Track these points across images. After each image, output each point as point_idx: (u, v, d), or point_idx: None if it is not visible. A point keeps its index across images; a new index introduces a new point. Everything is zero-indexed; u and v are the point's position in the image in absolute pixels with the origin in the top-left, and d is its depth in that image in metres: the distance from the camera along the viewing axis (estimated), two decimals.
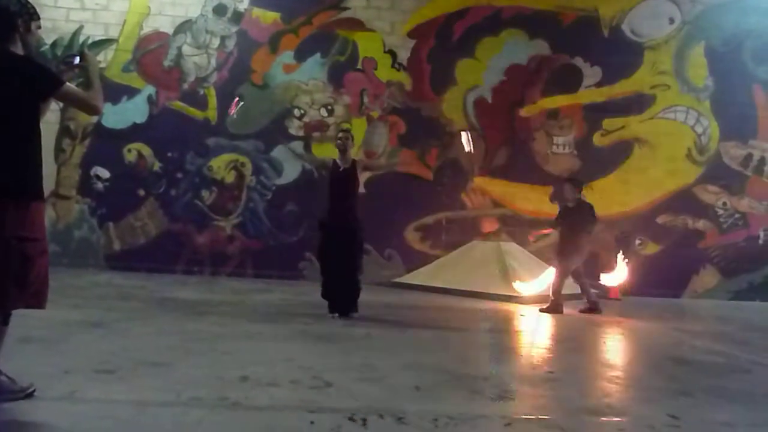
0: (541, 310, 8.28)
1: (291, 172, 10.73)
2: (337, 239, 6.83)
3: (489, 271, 9.88)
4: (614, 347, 6.49)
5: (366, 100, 11.08)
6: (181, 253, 10.73)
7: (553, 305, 8.28)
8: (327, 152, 10.77)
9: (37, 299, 3.36)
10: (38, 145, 3.42)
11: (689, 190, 11.22)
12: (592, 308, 8.38)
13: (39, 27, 3.50)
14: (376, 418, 3.43)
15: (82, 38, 10.71)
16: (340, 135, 7.13)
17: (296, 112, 10.98)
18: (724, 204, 11.28)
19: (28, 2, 3.44)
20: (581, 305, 8.49)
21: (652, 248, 11.15)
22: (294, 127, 10.92)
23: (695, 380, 4.89)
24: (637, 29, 11.30)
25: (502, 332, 6.90)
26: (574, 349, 6.18)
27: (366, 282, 9.91)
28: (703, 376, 5.03)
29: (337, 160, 7.04)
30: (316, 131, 10.92)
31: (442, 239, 11.00)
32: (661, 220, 11.17)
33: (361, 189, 10.60)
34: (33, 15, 3.44)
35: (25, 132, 3.35)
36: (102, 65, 10.39)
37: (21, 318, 3.41)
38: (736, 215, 11.30)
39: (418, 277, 10.43)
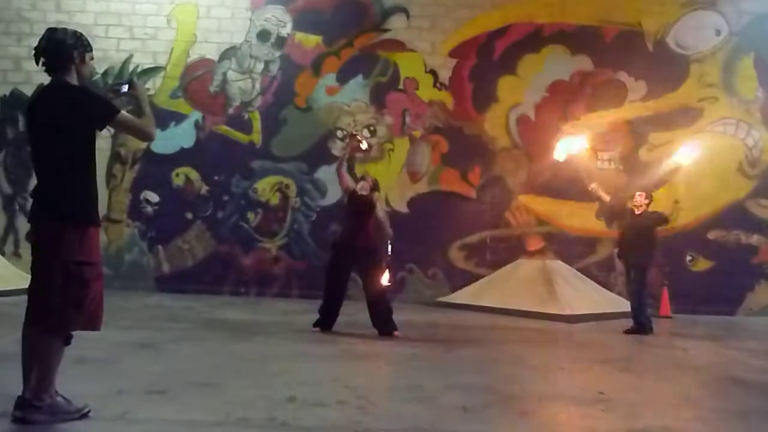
0: (626, 332, 7.99)
1: (335, 193, 10.79)
2: (349, 261, 7.05)
3: (535, 290, 9.76)
4: (667, 367, 6.33)
5: (408, 120, 11.12)
6: (227, 275, 10.87)
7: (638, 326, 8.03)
8: (369, 172, 10.83)
9: (92, 321, 3.47)
10: (94, 171, 3.55)
11: (741, 205, 10.91)
12: (639, 329, 8.07)
13: (92, 58, 3.64)
14: None
15: (131, 67, 11.03)
16: (368, 179, 7.37)
17: (339, 133, 11.08)
18: None
19: (83, 35, 3.59)
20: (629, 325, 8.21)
21: (703, 264, 10.86)
22: (337, 149, 11.01)
23: (753, 401, 4.74)
24: (683, 42, 11.11)
25: (551, 352, 6.80)
26: (624, 369, 6.06)
27: (410, 301, 9.98)
28: (761, 397, 4.88)
29: (357, 188, 7.29)
30: (358, 152, 10.97)
31: (487, 258, 10.91)
32: (712, 235, 10.88)
33: (404, 209, 10.82)
34: (87, 47, 3.58)
35: (82, 159, 3.48)
36: (151, 92, 10.66)
37: (75, 339, 3.50)
38: None
39: (463, 296, 10.35)
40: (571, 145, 9.00)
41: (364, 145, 7.80)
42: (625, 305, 9.90)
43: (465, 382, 4.87)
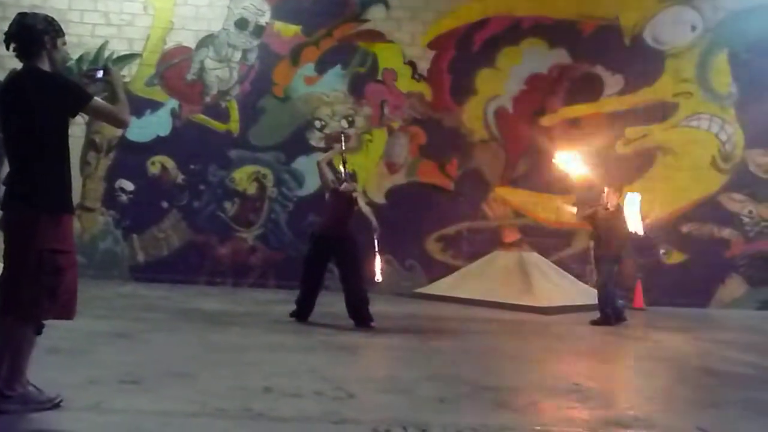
0: (592, 323, 8.09)
1: (312, 183, 10.74)
2: (327, 252, 7.04)
3: (511, 281, 9.82)
4: (641, 358, 6.41)
5: (386, 111, 11.10)
6: (203, 265, 10.79)
7: (604, 317, 8.16)
8: (347, 163, 10.86)
9: (66, 310, 3.41)
10: (67, 159, 3.49)
11: (714, 199, 11.06)
12: (605, 321, 8.12)
13: (64, 43, 3.57)
14: (399, 430, 3.42)
15: (107, 53, 10.87)
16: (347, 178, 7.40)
17: (317, 123, 11.03)
18: (750, 212, 11.10)
19: (54, 20, 3.51)
20: (596, 317, 8.25)
21: (677, 257, 11.01)
22: (315, 139, 10.97)
23: (724, 392, 4.82)
24: (659, 37, 11.21)
25: (526, 343, 6.85)
26: (599, 361, 6.12)
27: (387, 292, 9.98)
28: (733, 388, 4.96)
29: (343, 178, 7.34)
30: (336, 142, 10.95)
31: (464, 249, 10.95)
32: (685, 228, 11.02)
33: (382, 200, 10.83)
34: (59, 32, 3.51)
35: (55, 147, 3.42)
36: (126, 79, 10.52)
37: (48, 329, 3.45)
38: (763, 223, 11.10)
39: (440, 287, 10.39)
40: (569, 162, 9.14)
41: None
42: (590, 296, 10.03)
43: (441, 373, 4.89)
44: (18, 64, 3.49)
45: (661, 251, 10.98)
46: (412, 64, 11.12)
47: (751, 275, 11.00)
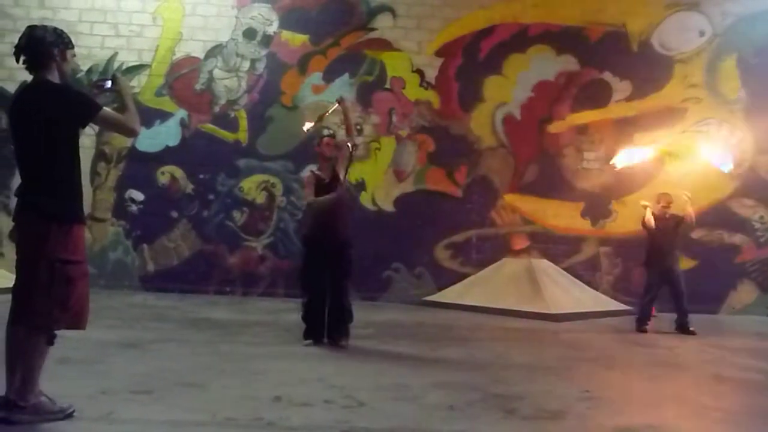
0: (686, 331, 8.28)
1: None
2: (323, 257, 6.20)
3: (520, 288, 9.79)
4: (651, 365, 6.37)
5: (394, 119, 11.11)
6: (213, 274, 10.81)
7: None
8: (356, 172, 10.89)
9: (77, 320, 3.44)
10: (78, 169, 3.53)
11: (724, 204, 11.00)
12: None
13: (74, 55, 3.63)
14: None
15: (116, 64, 10.94)
16: (326, 140, 6.62)
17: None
18: (761, 217, 11.03)
19: (63, 32, 3.57)
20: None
21: (687, 263, 10.91)
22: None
23: (736, 398, 4.79)
24: (667, 43, 11.19)
25: (536, 350, 6.82)
26: (610, 368, 6.09)
27: (396, 300, 9.97)
28: (745, 395, 4.93)
29: (317, 171, 6.61)
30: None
31: (473, 257, 10.93)
32: (696, 234, 10.94)
33: (391, 208, 10.84)
34: (68, 44, 3.56)
35: (66, 157, 3.46)
36: (135, 90, 10.58)
37: (59, 339, 3.48)
38: None
39: (449, 295, 10.36)
40: (634, 155, 9.21)
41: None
42: (610, 304, 9.95)
43: (451, 380, 4.88)
44: (28, 77, 3.54)
45: None
46: (419, 72, 11.13)
47: (762, 281, 10.93)
